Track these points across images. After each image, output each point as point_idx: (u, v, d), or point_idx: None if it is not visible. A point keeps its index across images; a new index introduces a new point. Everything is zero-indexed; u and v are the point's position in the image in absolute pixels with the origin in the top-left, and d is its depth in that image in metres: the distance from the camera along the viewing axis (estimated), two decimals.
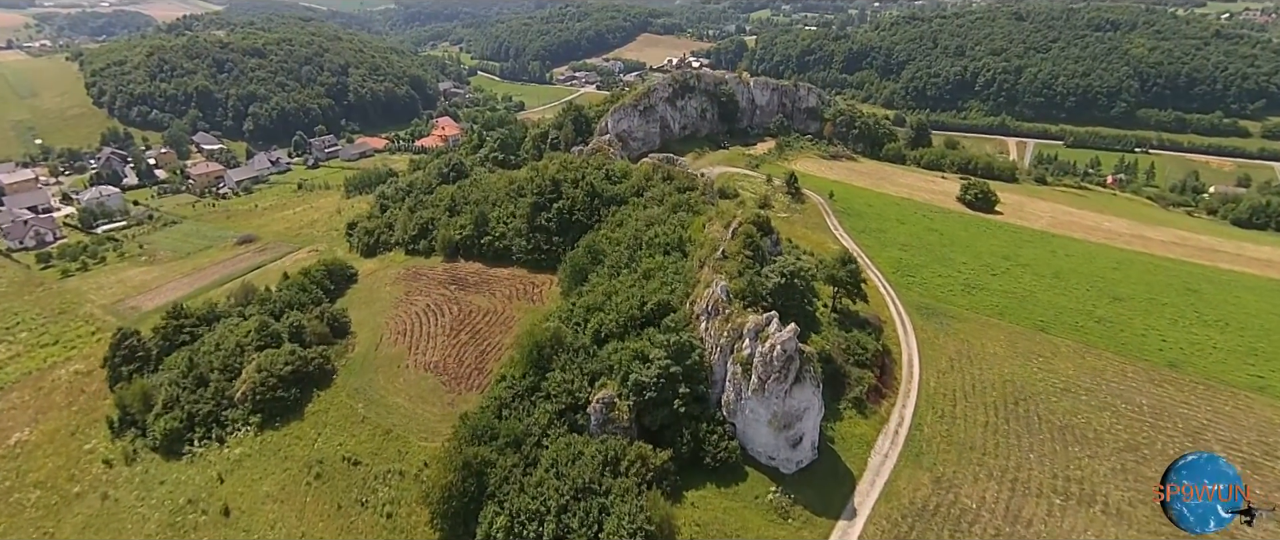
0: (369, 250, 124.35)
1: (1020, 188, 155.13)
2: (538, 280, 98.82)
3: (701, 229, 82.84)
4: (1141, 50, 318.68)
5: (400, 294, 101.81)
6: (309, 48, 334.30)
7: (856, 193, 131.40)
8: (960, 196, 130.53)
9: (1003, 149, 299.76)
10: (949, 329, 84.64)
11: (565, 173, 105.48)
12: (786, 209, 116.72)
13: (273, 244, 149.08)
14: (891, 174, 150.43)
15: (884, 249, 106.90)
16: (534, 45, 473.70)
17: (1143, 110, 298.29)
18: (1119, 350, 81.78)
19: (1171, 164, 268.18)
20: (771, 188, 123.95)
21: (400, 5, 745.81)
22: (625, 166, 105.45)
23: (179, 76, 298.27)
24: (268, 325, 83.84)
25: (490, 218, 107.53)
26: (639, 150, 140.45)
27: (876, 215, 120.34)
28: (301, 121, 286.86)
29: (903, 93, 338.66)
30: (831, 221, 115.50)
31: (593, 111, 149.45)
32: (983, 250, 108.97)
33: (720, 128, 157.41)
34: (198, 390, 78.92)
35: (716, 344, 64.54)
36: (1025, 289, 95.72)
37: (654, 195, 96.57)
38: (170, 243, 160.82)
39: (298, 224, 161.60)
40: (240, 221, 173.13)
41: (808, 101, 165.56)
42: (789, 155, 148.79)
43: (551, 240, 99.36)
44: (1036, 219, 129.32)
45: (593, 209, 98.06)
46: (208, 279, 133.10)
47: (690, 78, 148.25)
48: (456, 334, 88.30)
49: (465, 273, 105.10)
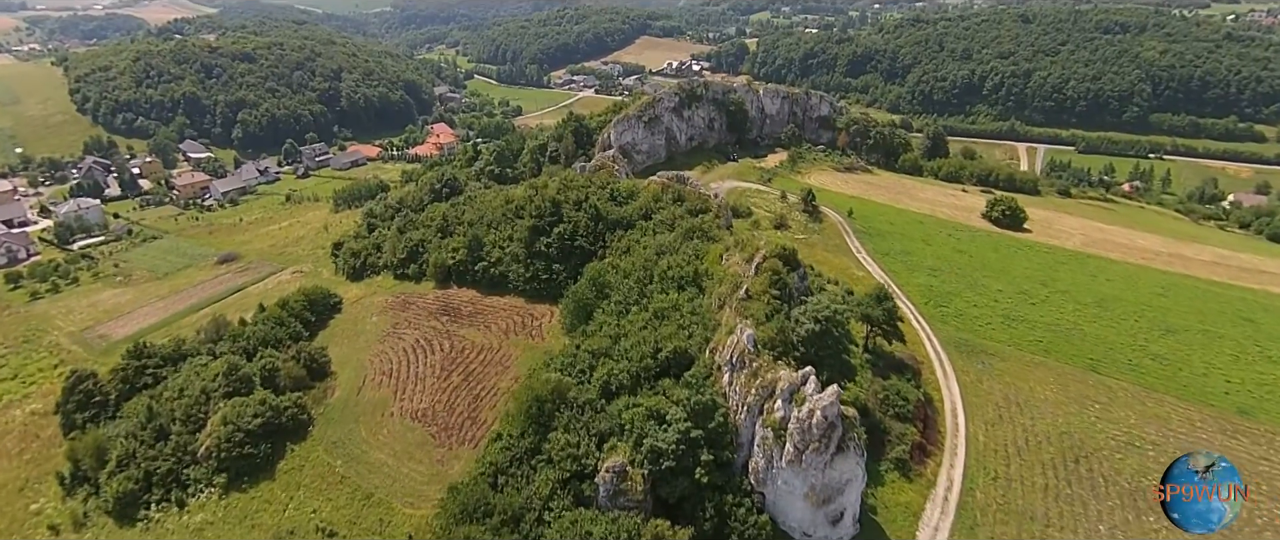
0: (355, 273, 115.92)
1: (1044, 201, 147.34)
2: (537, 311, 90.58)
3: (719, 261, 74.72)
4: (1153, 53, 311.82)
5: (387, 326, 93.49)
6: (301, 52, 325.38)
7: (876, 210, 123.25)
8: (986, 213, 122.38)
9: (1012, 155, 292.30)
10: (993, 370, 76.57)
11: (566, 193, 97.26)
12: (804, 229, 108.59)
13: (255, 264, 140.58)
14: (910, 187, 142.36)
15: (912, 274, 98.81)
16: (531, 48, 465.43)
17: (1155, 115, 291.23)
18: (1181, 393, 73.84)
19: (1187, 170, 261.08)
20: (786, 205, 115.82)
21: (396, 8, 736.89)
22: (632, 186, 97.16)
23: (166, 82, 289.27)
24: (237, 368, 75.38)
25: (485, 241, 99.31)
26: (644, 164, 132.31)
27: (900, 235, 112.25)
28: (292, 129, 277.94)
29: (909, 97, 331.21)
30: (853, 243, 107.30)
31: (594, 122, 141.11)
32: (1017, 275, 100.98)
33: (728, 138, 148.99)
34: (157, 444, 70.46)
35: (743, 402, 56.38)
36: (1069, 320, 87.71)
37: (663, 219, 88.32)
38: (148, 261, 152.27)
39: (283, 241, 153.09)
40: (223, 237, 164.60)
41: (820, 110, 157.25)
42: (802, 168, 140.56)
43: (552, 268, 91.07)
44: (1067, 237, 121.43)
45: (597, 234, 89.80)
46: (184, 303, 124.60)
47: (697, 86, 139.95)
48: (447, 375, 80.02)
49: (458, 301, 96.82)
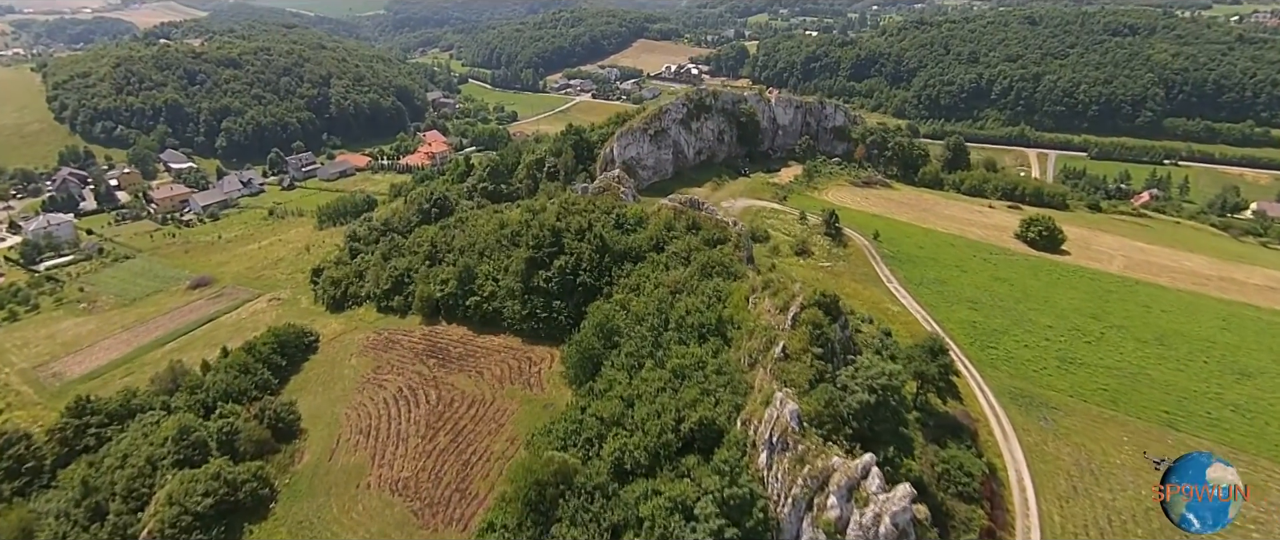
0: (336, 304, 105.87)
1: (1075, 218, 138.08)
2: (535, 354, 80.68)
3: (745, 304, 64.97)
4: (1164, 56, 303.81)
5: (367, 371, 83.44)
6: (288, 58, 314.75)
7: (903, 231, 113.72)
8: (1021, 234, 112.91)
9: (1023, 161, 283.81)
10: (1058, 428, 66.94)
11: (567, 218, 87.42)
12: (828, 255, 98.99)
13: (230, 289, 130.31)
14: (934, 204, 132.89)
15: (951, 307, 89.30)
16: (526, 52, 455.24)
17: (1169, 119, 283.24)
18: (1275, 454, 64.41)
19: (1204, 177, 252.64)
20: (807, 227, 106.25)
21: (389, 11, 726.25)
22: (640, 211, 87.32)
23: (147, 89, 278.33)
24: (190, 431, 65.27)
25: (477, 272, 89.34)
26: (649, 181, 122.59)
27: (931, 260, 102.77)
28: (279, 137, 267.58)
29: (915, 101, 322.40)
30: (882, 270, 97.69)
31: (595, 135, 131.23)
32: (1065, 307, 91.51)
33: (739, 151, 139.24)
34: (92, 526, 60.40)
35: (786, 493, 46.64)
36: (1132, 363, 78.23)
37: (677, 251, 78.57)
38: (117, 284, 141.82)
39: (261, 262, 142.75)
40: (199, 257, 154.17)
41: (834, 120, 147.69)
42: (818, 183, 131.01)
43: (551, 305, 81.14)
44: (1108, 260, 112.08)
45: (602, 268, 79.96)
46: (149, 336, 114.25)
47: (706, 96, 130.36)
48: (433, 434, 70.02)
49: (447, 341, 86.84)
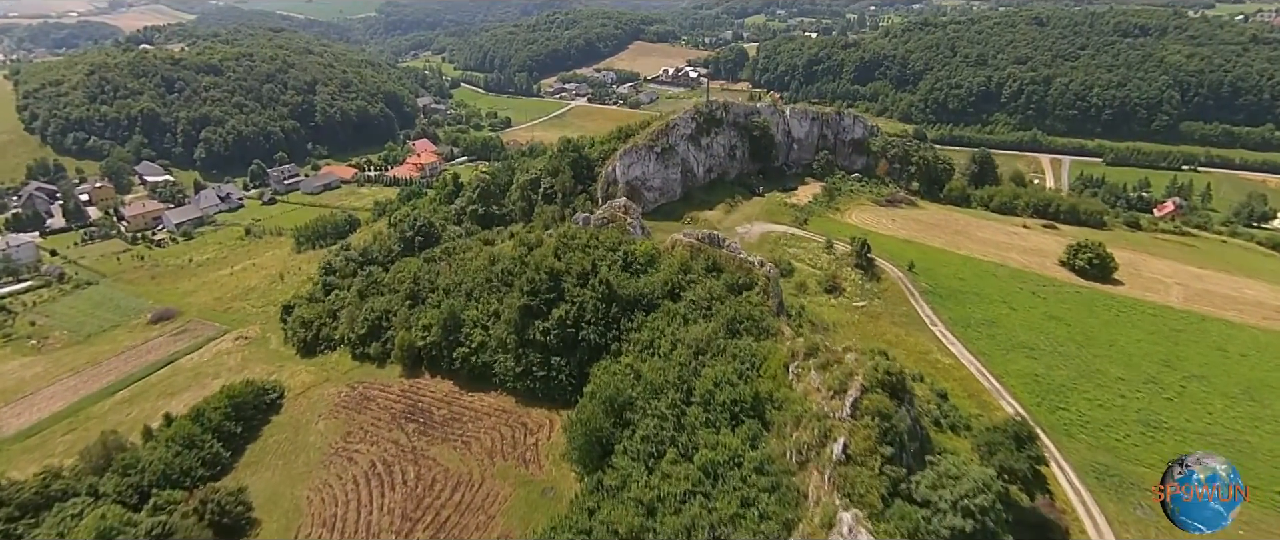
0: (307, 347, 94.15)
1: (1115, 237, 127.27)
2: (531, 419, 69.30)
3: (784, 374, 53.75)
4: (1178, 57, 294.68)
5: (337, 437, 71.87)
6: (272, 64, 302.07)
7: (938, 259, 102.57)
8: (1068, 262, 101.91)
9: (1036, 167, 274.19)
10: (1159, 521, 56.06)
11: (567, 256, 76.02)
12: (861, 291, 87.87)
13: (194, 323, 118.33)
14: (964, 224, 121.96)
15: (1006, 356, 78.32)
16: (520, 55, 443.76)
17: (1186, 123, 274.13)
18: None
19: (1225, 184, 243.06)
20: (834, 257, 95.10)
21: (381, 13, 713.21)
22: (651, 249, 75.85)
23: (122, 97, 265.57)
24: (111, 535, 53.72)
25: (464, 318, 77.89)
26: (656, 203, 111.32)
27: (974, 295, 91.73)
28: (261, 147, 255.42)
29: (921, 105, 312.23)
30: (923, 309, 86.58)
31: (595, 151, 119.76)
32: (1132, 351, 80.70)
33: (751, 168, 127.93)
34: None
35: None
36: (1223, 426, 67.40)
37: (696, 299, 67.25)
38: (73, 316, 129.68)
39: (232, 291, 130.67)
40: (166, 285, 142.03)
41: (853, 132, 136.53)
42: (840, 203, 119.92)
43: (550, 362, 69.74)
44: (1164, 289, 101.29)
45: (609, 319, 68.59)
46: (100, 381, 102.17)
47: (716, 109, 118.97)
48: (411, 528, 58.48)
49: (429, 399, 75.37)
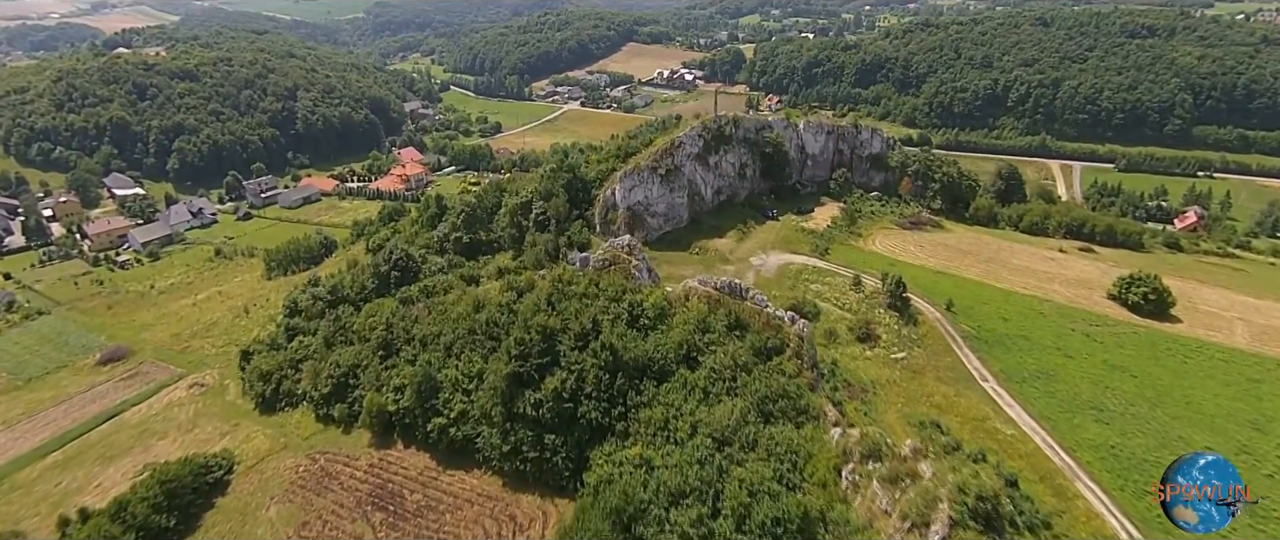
0: (266, 402, 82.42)
1: (1157, 261, 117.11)
2: (521, 510, 57.97)
3: (834, 481, 42.77)
4: (1189, 59, 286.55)
5: (290, 531, 60.38)
6: (251, 69, 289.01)
7: (976, 294, 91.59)
8: (1120, 297, 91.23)
9: (1046, 174, 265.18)
10: None
11: (563, 306, 64.73)
12: (898, 339, 76.93)
13: (147, 366, 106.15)
14: (997, 250, 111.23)
15: (1072, 420, 67.48)
16: (511, 57, 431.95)
17: (1199, 128, 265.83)
18: None
19: (1243, 191, 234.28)
20: (863, 296, 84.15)
21: (370, 15, 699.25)
22: (661, 301, 64.52)
23: (91, 105, 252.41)
24: None
25: (442, 382, 66.52)
26: (660, 231, 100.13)
27: (1023, 341, 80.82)
28: (238, 157, 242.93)
29: (925, 109, 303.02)
30: (969, 361, 75.66)
31: (592, 170, 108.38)
32: (1212, 410, 70.10)
33: (763, 187, 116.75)
34: None
35: None
36: None
37: (717, 367, 56.16)
38: (16, 354, 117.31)
39: (192, 326, 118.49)
40: (122, 315, 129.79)
41: (871, 147, 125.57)
42: (861, 227, 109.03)
43: (543, 440, 58.56)
44: (1227, 327, 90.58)
45: (613, 392, 57.43)
46: (32, 439, 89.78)
47: (725, 124, 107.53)
48: None
49: (401, 478, 63.92)
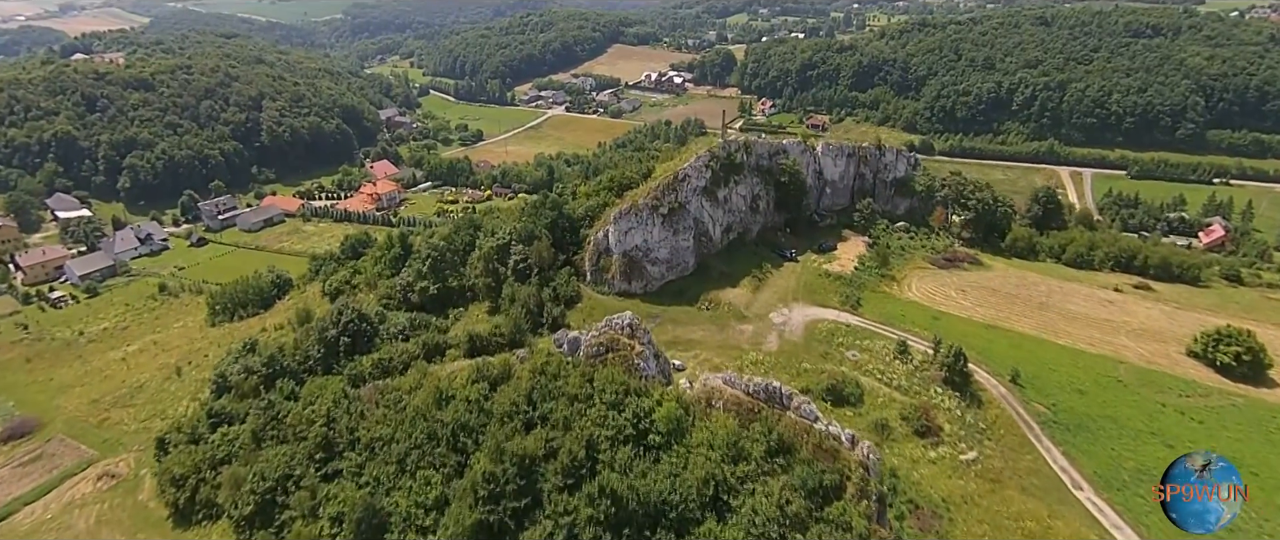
0: (181, 513, 66.29)
1: (1219, 297, 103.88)
2: None
3: None
4: (1198, 60, 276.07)
5: None
6: (212, 77, 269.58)
7: (1037, 355, 76.85)
8: (1207, 356, 77.07)
9: (1055, 181, 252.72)
10: None
11: (550, 412, 49.35)
12: (964, 429, 62.07)
13: (55, 444, 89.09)
14: (1047, 292, 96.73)
15: None
16: (493, 60, 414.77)
17: (1213, 132, 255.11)
18: None
19: (1263, 199, 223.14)
20: (912, 367, 69.31)
21: (347, 15, 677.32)
22: (676, 413, 49.17)
23: (34, 119, 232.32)
24: None
25: (390, 514, 50.86)
26: (663, 280, 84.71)
27: (1109, 422, 66.23)
28: (196, 174, 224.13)
29: (927, 113, 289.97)
30: (1053, 457, 60.84)
31: (581, 207, 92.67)
32: None
33: (777, 220, 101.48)
34: None
35: None
36: None
37: (759, 518, 41.24)
38: None
39: (116, 389, 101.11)
40: (40, 372, 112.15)
41: (895, 170, 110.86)
42: (894, 267, 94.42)
43: None
44: None
45: None
46: None
47: (735, 151, 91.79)
48: None
49: None
